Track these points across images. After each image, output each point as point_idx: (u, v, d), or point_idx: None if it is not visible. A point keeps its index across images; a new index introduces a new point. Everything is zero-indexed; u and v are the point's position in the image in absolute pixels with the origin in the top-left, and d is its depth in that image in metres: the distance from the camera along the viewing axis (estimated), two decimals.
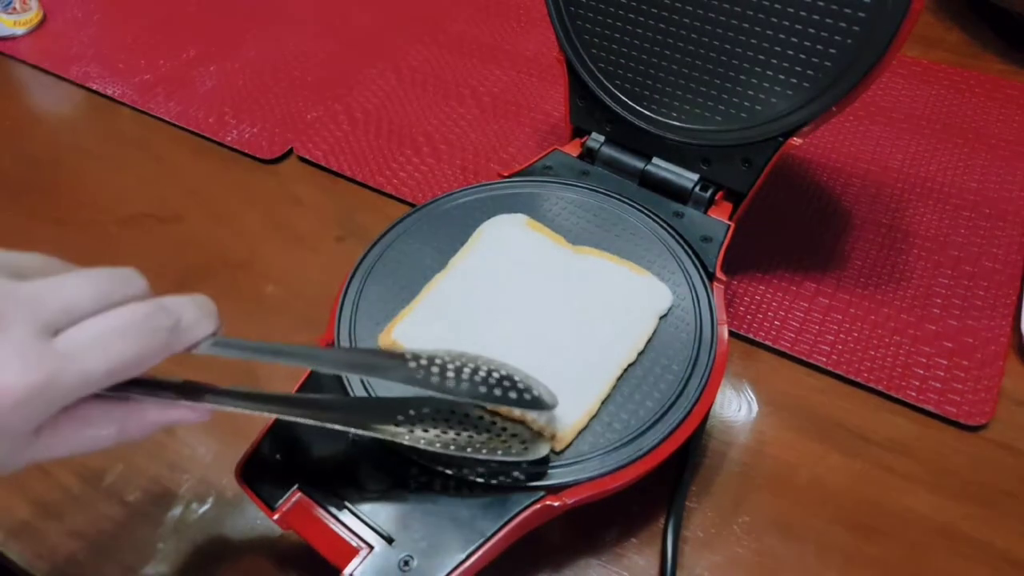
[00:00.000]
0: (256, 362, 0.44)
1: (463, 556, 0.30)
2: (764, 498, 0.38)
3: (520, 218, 0.42)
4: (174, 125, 0.61)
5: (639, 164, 0.45)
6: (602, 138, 0.47)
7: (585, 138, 0.48)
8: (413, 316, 0.37)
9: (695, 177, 0.44)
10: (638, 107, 0.45)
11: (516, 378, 0.30)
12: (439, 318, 0.37)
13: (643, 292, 0.39)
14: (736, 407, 0.42)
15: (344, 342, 0.37)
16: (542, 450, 0.32)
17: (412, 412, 0.32)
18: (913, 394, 0.41)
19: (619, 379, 0.35)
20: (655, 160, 0.45)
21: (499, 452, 0.31)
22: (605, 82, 0.45)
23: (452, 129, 0.59)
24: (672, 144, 0.44)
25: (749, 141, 0.41)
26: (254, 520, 0.37)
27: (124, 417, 0.26)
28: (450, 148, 0.57)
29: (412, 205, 0.53)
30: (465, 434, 0.32)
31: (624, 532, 0.37)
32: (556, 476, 0.32)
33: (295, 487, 0.32)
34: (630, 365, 0.36)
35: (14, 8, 0.68)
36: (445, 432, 0.32)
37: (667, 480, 0.38)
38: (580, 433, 0.33)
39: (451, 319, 0.37)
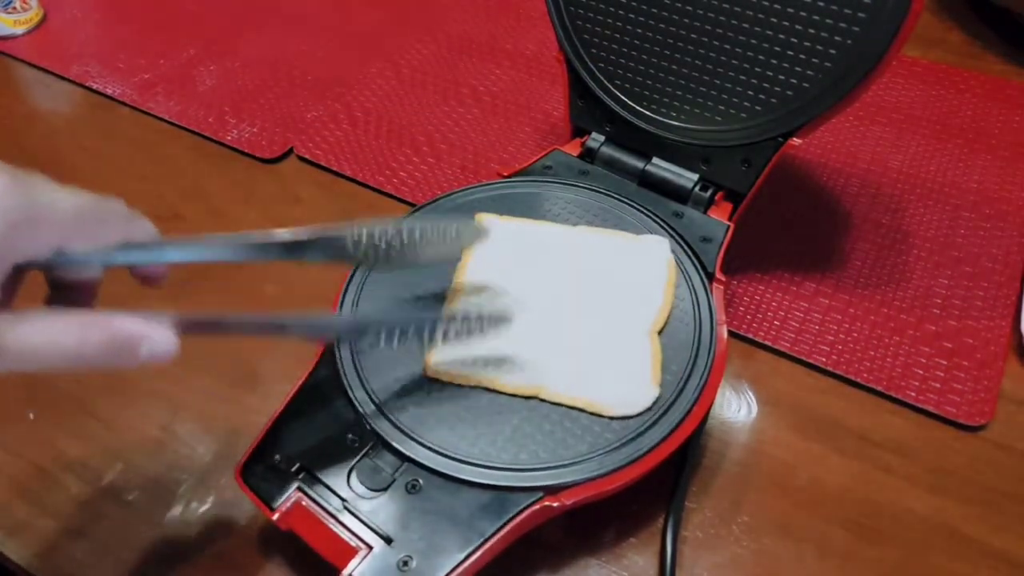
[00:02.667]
0: (256, 362, 0.44)
1: (462, 556, 0.30)
2: (763, 498, 0.38)
3: (490, 219, 0.43)
4: (174, 124, 0.61)
5: (639, 164, 0.45)
6: (602, 138, 0.47)
7: (585, 138, 0.48)
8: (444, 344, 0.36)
9: (695, 177, 0.44)
10: (638, 107, 0.45)
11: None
12: None
13: (643, 250, 0.40)
14: (736, 407, 0.42)
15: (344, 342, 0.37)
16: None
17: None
18: (913, 394, 0.41)
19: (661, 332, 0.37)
20: (655, 160, 0.45)
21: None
22: (605, 81, 0.45)
23: (452, 129, 0.59)
24: (672, 144, 0.44)
25: (749, 141, 0.41)
26: (254, 520, 0.37)
27: (85, 323, 0.25)
28: (450, 148, 0.57)
29: (412, 205, 0.53)
30: None
31: (623, 532, 0.37)
32: (554, 477, 0.32)
33: (294, 487, 0.32)
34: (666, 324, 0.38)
35: (14, 7, 0.68)
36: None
37: (666, 480, 0.38)
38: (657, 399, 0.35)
39: None
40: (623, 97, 0.45)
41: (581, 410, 0.34)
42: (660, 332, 0.37)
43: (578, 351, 0.36)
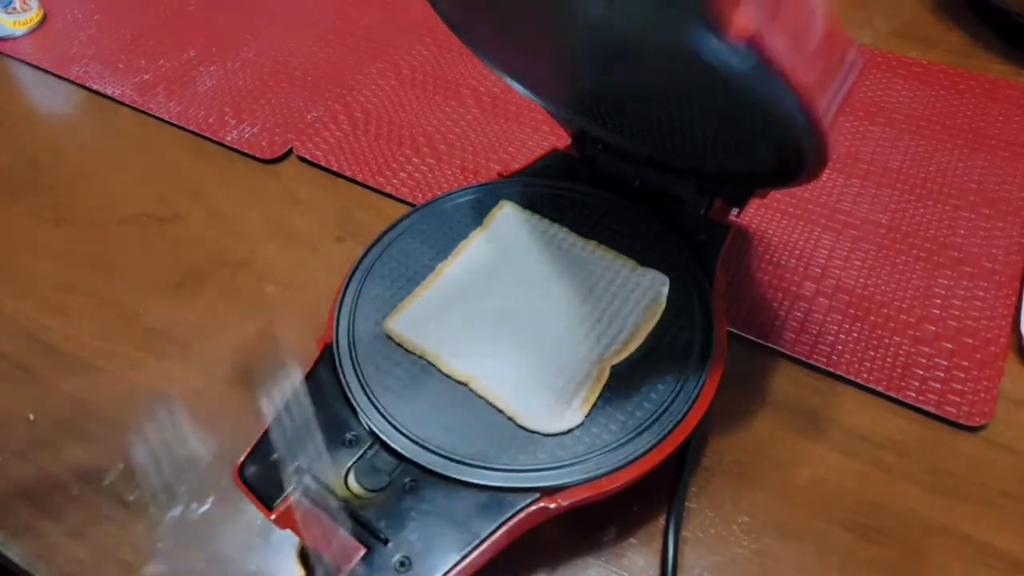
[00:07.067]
0: (256, 363, 0.44)
1: (458, 557, 0.30)
2: (764, 498, 0.38)
3: (511, 207, 0.44)
4: (174, 125, 0.61)
5: (638, 167, 0.45)
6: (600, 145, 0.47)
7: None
8: (411, 310, 0.38)
9: (693, 182, 0.44)
10: (625, 140, 0.43)
11: None
12: (436, 311, 0.38)
13: (638, 285, 0.39)
14: (735, 407, 0.42)
15: (343, 342, 0.37)
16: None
17: None
18: (913, 394, 0.41)
19: (615, 369, 0.36)
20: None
21: None
22: (593, 123, 0.44)
23: (452, 129, 0.59)
24: (667, 162, 0.43)
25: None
26: (253, 520, 0.37)
27: None
28: (450, 148, 0.57)
29: (412, 205, 0.53)
30: None
31: (623, 532, 0.37)
32: (552, 478, 0.32)
33: (293, 487, 0.32)
34: (626, 359, 0.36)
35: (14, 8, 0.68)
36: None
37: (666, 480, 0.38)
38: (577, 426, 0.34)
39: (447, 312, 0.38)
40: (611, 132, 0.43)
41: (501, 412, 0.34)
42: (615, 366, 0.36)
43: (525, 355, 0.36)
